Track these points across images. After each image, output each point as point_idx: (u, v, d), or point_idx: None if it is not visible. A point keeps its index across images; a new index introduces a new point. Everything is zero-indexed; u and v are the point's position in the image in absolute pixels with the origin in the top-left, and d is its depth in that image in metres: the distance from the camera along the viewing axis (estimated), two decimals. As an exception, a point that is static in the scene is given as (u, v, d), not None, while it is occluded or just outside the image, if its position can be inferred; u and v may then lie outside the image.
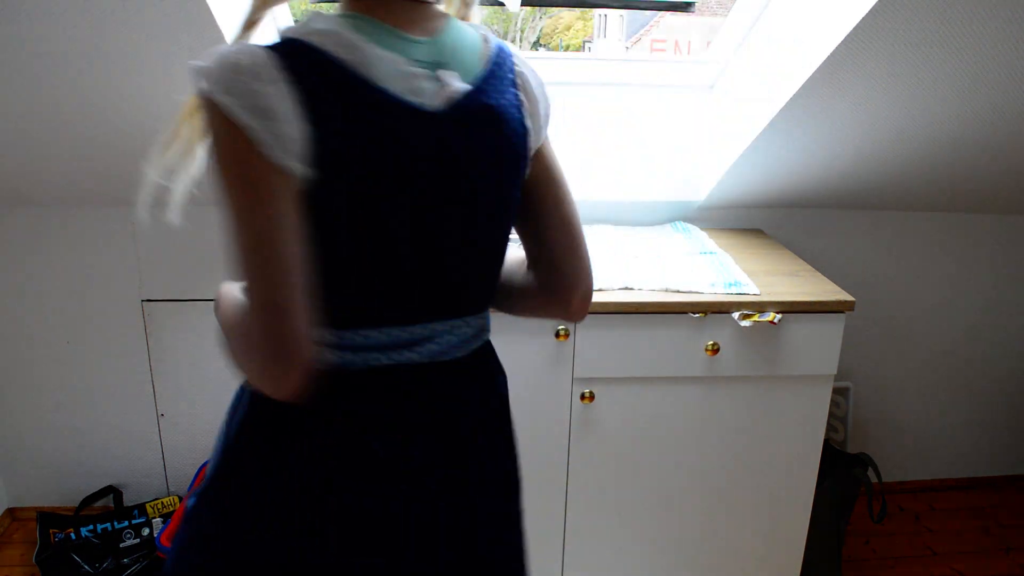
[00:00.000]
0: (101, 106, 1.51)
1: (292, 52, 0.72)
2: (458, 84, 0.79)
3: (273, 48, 0.72)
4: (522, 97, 0.85)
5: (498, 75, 0.83)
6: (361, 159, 0.73)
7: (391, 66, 0.75)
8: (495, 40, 0.87)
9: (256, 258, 0.71)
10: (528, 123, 0.86)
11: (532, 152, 0.88)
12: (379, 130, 0.74)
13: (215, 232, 2.05)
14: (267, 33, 0.81)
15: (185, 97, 0.82)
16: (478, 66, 0.82)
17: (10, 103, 1.49)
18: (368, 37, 0.75)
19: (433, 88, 0.77)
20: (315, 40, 0.73)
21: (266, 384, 0.74)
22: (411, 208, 0.78)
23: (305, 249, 0.73)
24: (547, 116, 0.90)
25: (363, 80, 0.73)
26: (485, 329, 0.93)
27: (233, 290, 0.86)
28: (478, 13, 0.91)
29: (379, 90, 0.74)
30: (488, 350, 0.94)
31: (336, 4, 0.80)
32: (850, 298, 1.58)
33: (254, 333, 0.72)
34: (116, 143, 1.65)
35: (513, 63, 0.86)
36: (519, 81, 0.86)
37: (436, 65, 0.78)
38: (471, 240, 0.84)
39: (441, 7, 0.84)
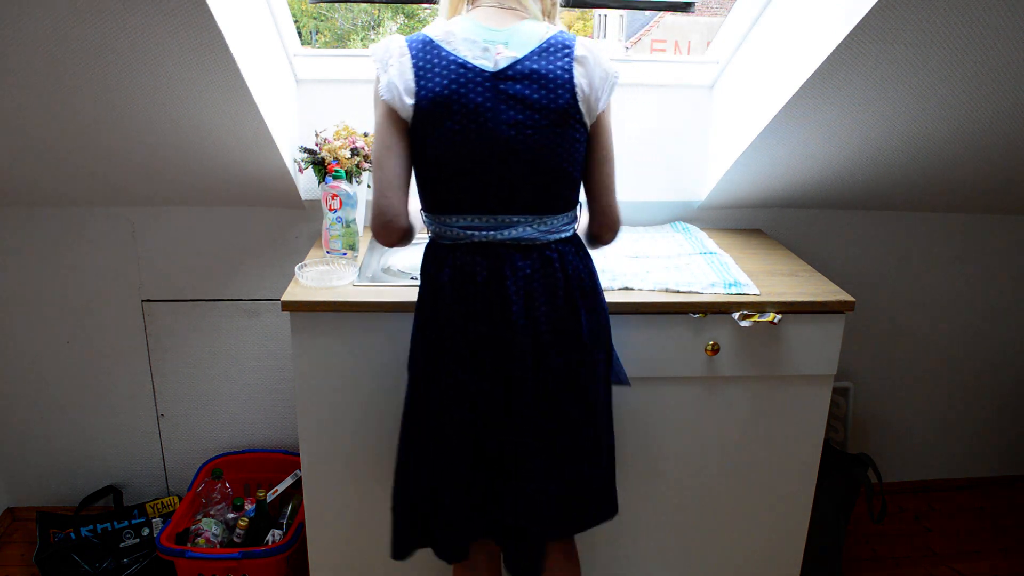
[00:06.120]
0: (99, 106, 1.51)
1: (416, 40, 1.25)
2: (508, 53, 1.23)
3: (408, 38, 1.26)
4: (575, 66, 1.24)
5: (550, 51, 1.24)
6: (442, 95, 1.21)
7: (470, 44, 1.24)
8: (558, 32, 1.27)
9: (374, 165, 1.28)
10: (579, 81, 1.24)
11: (589, 108, 1.25)
12: (453, 78, 1.22)
13: (214, 232, 2.06)
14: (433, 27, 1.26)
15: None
16: (532, 45, 1.24)
17: (9, 104, 1.49)
18: (463, 29, 1.25)
19: (492, 55, 1.23)
20: (431, 33, 1.26)
21: (379, 238, 1.31)
22: (476, 131, 1.22)
23: (406, 162, 1.27)
24: (605, 83, 1.26)
25: (449, 53, 1.23)
26: (558, 230, 1.31)
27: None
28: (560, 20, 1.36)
29: (458, 58, 1.23)
30: (568, 242, 1.32)
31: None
32: (850, 298, 1.58)
33: (372, 208, 1.28)
34: (115, 143, 1.65)
35: (571, 45, 1.25)
36: (578, 55, 1.24)
37: (503, 44, 1.24)
38: (521, 156, 1.23)
39: (525, 15, 1.28)
